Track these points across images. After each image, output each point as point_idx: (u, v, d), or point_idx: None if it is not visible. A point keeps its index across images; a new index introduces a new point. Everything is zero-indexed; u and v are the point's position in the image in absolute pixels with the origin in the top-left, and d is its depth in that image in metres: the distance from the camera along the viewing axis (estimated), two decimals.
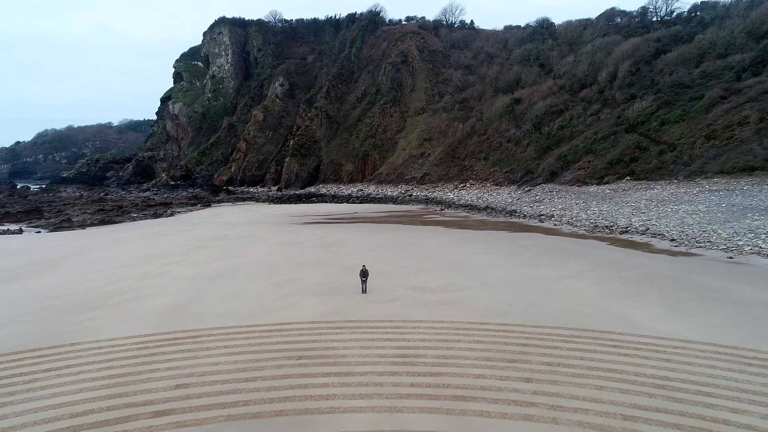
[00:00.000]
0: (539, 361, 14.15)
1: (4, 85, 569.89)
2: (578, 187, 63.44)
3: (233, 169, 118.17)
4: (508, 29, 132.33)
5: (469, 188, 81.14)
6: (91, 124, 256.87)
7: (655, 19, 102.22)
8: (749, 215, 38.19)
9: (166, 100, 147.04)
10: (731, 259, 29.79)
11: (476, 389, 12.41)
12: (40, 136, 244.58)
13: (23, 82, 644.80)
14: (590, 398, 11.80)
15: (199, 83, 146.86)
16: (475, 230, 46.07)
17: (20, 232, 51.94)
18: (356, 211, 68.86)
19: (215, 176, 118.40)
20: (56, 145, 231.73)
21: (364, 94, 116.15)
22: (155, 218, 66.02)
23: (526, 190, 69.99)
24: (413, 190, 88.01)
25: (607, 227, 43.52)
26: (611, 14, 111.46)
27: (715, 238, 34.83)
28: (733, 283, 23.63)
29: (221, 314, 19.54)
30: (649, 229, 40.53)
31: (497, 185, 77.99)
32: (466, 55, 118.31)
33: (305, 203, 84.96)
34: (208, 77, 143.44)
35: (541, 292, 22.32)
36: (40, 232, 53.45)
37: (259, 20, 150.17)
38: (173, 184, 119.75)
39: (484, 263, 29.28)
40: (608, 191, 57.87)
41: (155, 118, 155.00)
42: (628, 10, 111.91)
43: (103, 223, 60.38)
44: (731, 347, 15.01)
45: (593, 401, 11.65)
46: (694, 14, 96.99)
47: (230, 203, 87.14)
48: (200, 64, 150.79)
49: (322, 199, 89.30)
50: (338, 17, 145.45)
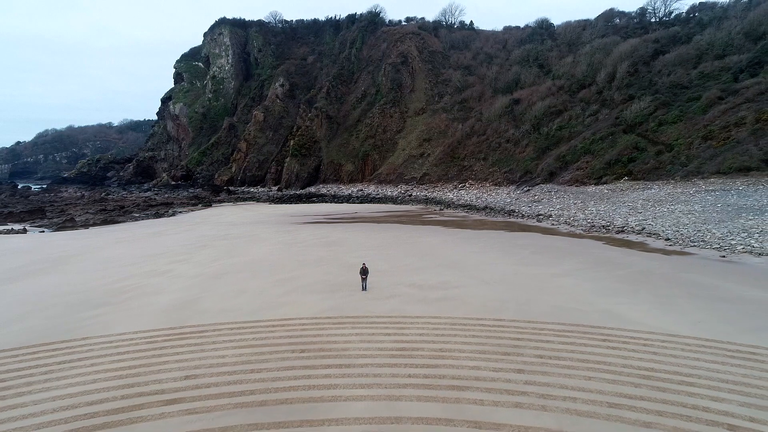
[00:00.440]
0: (531, 353, 14.80)
1: (4, 85, 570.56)
2: (576, 187, 64.01)
3: (234, 169, 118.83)
4: (507, 30, 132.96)
5: (468, 188, 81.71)
6: (91, 124, 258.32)
7: (653, 20, 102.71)
8: (743, 215, 38.80)
9: (166, 100, 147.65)
10: (724, 257, 30.42)
11: (470, 380, 13.06)
12: (40, 136, 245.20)
13: (23, 82, 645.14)
14: (578, 388, 12.45)
15: (199, 84, 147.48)
16: (473, 230, 46.67)
17: (24, 231, 52.55)
18: (356, 211, 69.49)
19: (216, 176, 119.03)
20: (56, 145, 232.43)
21: (364, 94, 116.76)
22: (157, 218, 66.66)
23: (524, 190, 70.59)
24: (413, 190, 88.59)
25: (603, 227, 44.13)
26: (610, 15, 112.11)
27: (709, 237, 35.47)
28: (723, 280, 24.26)
29: (226, 310, 20.18)
30: (645, 228, 41.13)
31: (496, 185, 78.56)
32: (465, 55, 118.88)
33: (305, 203, 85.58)
34: (208, 78, 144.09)
35: (536, 289, 22.95)
36: (44, 231, 54.08)
37: (259, 21, 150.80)
38: (174, 184, 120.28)
39: (481, 262, 29.92)
40: (606, 191, 58.49)
41: (155, 118, 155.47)
42: (626, 11, 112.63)
43: (105, 222, 60.99)
44: (716, 341, 15.65)
45: (581, 390, 12.30)
46: (692, 15, 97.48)
47: (231, 203, 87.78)
48: (201, 64, 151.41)
49: (322, 199, 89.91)
50: (338, 18, 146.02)
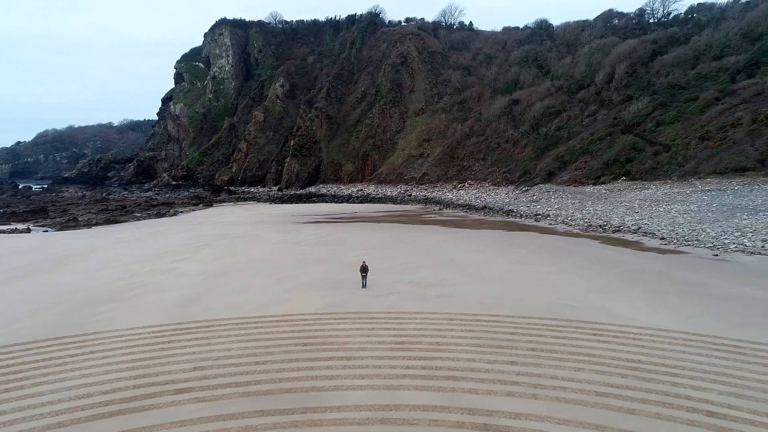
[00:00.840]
0: (524, 347, 15.43)
1: (4, 85, 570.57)
2: (575, 187, 64.60)
3: (234, 169, 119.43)
4: (506, 30, 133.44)
5: (467, 188, 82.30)
6: (91, 124, 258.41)
7: (652, 20, 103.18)
8: (738, 215, 39.42)
9: (167, 100, 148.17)
10: (716, 256, 31.04)
11: (466, 371, 13.69)
12: (40, 136, 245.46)
13: (23, 82, 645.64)
14: (568, 378, 13.08)
15: (200, 84, 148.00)
16: (472, 229, 47.27)
17: (28, 231, 53.21)
18: (356, 210, 70.10)
19: (216, 176, 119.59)
20: (57, 145, 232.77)
21: (363, 94, 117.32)
22: (159, 218, 67.27)
23: (523, 190, 71.19)
24: (412, 190, 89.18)
25: (600, 226, 44.75)
26: (609, 16, 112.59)
27: (703, 236, 36.08)
28: (714, 278, 24.87)
29: (230, 307, 20.80)
30: (641, 228, 41.75)
31: (495, 185, 79.14)
32: (465, 56, 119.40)
33: (306, 203, 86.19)
34: (209, 78, 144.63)
35: (531, 287, 23.56)
36: (47, 231, 54.69)
37: (259, 21, 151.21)
38: (175, 184, 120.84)
39: (479, 260, 30.53)
40: (604, 191, 59.09)
41: (156, 118, 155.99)
42: (625, 11, 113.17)
43: (108, 222, 61.62)
44: (702, 335, 16.28)
45: (570, 381, 12.93)
46: (690, 16, 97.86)
47: (232, 203, 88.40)
48: (201, 65, 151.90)
49: (322, 199, 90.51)
50: (338, 18, 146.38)
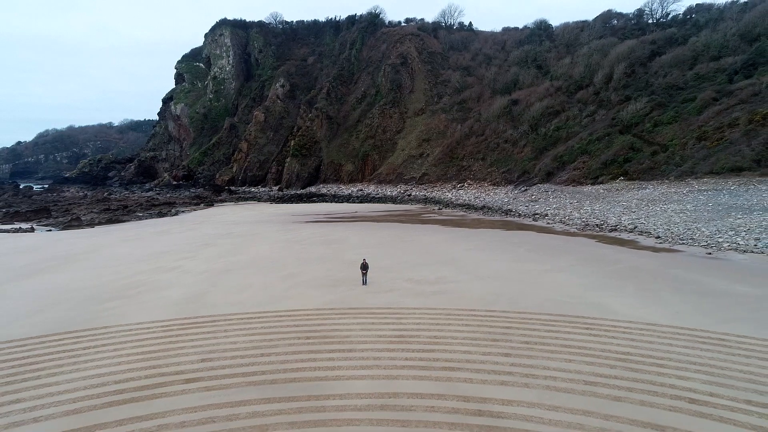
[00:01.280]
0: (518, 340, 16.05)
1: (4, 85, 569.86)
2: (573, 187, 65.20)
3: (235, 169, 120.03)
4: (506, 31, 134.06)
5: (466, 188, 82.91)
6: (91, 124, 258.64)
7: (650, 21, 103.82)
8: (733, 214, 40.03)
9: (167, 100, 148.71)
10: (710, 254, 31.66)
11: (462, 362, 14.31)
12: (41, 136, 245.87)
13: (23, 82, 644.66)
14: (559, 369, 13.70)
15: (200, 84, 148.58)
16: (471, 228, 47.88)
17: (32, 230, 53.81)
18: (356, 210, 70.71)
19: (217, 176, 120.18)
20: (57, 145, 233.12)
21: (363, 95, 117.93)
22: (160, 217, 67.87)
23: (522, 190, 71.79)
24: (412, 189, 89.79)
25: (597, 225, 45.35)
26: (608, 16, 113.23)
27: (698, 235, 36.69)
28: (706, 276, 25.48)
29: (234, 303, 21.42)
30: (637, 227, 42.34)
31: (494, 185, 79.73)
32: (464, 56, 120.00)
33: (306, 203, 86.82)
34: (209, 78, 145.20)
35: (528, 284, 24.18)
36: (51, 230, 55.32)
37: (260, 22, 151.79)
38: (175, 184, 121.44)
39: (477, 259, 31.13)
40: (602, 191, 59.70)
41: (156, 118, 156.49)
42: (624, 12, 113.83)
43: (110, 222, 62.26)
44: (690, 329, 16.89)
45: (561, 371, 13.55)
46: (689, 17, 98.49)
47: (232, 203, 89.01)
48: (202, 65, 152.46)
49: (322, 198, 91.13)
50: (338, 19, 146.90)
